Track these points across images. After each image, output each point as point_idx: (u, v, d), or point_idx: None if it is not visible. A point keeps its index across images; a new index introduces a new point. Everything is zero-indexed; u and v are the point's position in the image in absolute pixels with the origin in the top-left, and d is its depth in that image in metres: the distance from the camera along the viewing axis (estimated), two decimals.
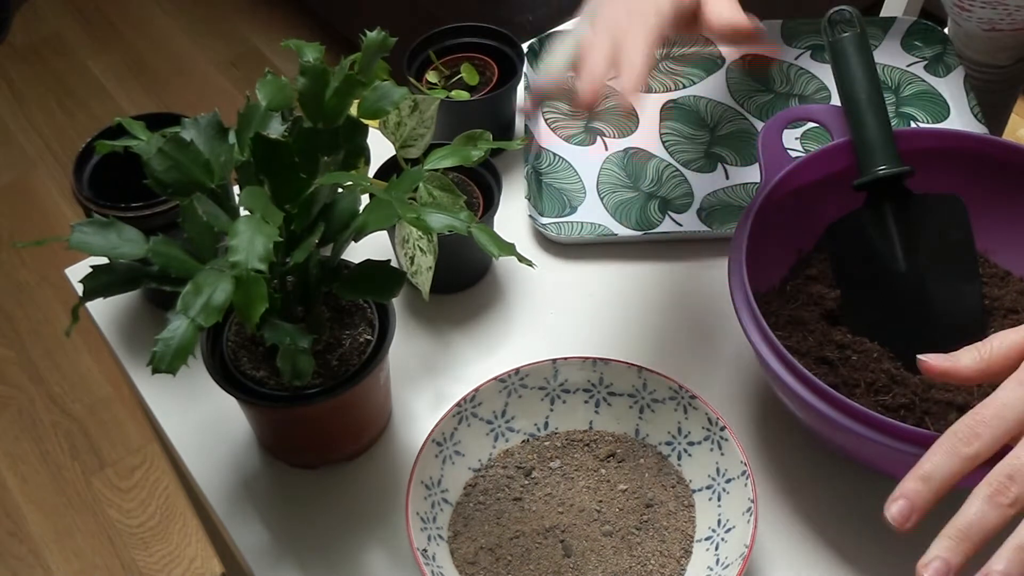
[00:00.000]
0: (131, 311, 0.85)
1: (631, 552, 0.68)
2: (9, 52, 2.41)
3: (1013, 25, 1.07)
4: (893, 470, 0.68)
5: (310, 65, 0.65)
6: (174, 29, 2.45)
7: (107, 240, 0.62)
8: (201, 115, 0.65)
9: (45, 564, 1.59)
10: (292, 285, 0.68)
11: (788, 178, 0.75)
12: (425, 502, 0.69)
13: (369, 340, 0.70)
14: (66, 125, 2.24)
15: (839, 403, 0.62)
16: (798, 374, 0.64)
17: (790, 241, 0.78)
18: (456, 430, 0.72)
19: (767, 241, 0.73)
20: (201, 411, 0.78)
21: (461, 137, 0.74)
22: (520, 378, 0.74)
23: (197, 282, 0.57)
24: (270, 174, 0.62)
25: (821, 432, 0.68)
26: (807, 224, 0.78)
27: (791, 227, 0.77)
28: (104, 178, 0.80)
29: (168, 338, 0.56)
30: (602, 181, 0.93)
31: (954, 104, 0.98)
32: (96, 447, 1.72)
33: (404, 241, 0.75)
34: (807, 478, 0.74)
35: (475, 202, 0.83)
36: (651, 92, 1.01)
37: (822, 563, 0.70)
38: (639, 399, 0.74)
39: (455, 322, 0.83)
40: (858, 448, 0.66)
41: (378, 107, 0.66)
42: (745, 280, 0.68)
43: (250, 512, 0.73)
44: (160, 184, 0.62)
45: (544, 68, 0.76)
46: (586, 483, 0.72)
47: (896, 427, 0.61)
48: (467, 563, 0.68)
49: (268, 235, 0.56)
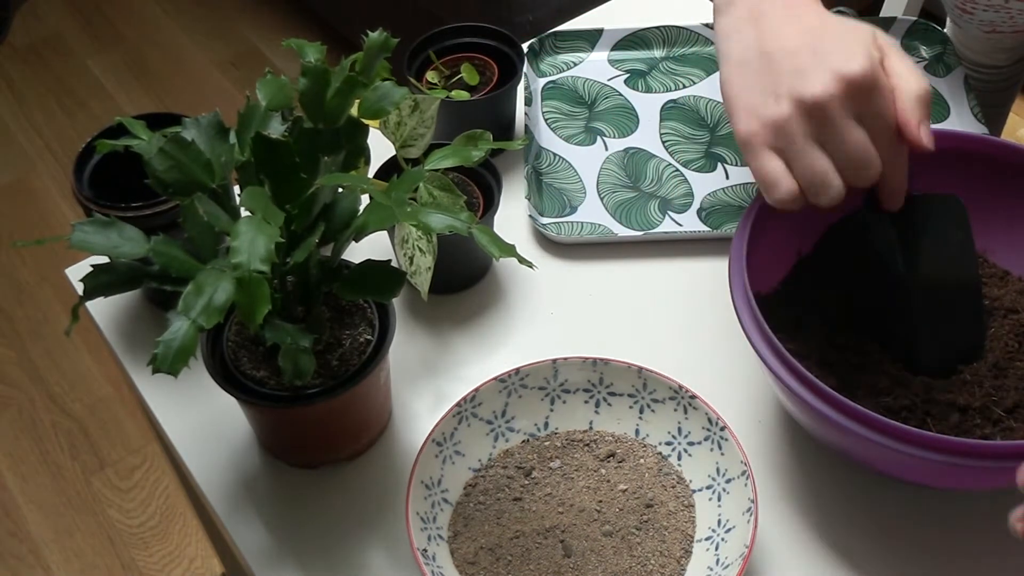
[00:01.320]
0: (131, 311, 0.85)
1: (631, 552, 0.68)
2: (9, 52, 2.41)
3: (1014, 28, 1.07)
4: (898, 472, 0.68)
5: (311, 65, 0.65)
6: (174, 29, 2.45)
7: (108, 239, 0.62)
8: (202, 115, 0.66)
9: (45, 564, 1.59)
10: (292, 285, 0.68)
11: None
12: (425, 502, 0.69)
13: (369, 340, 0.70)
14: (66, 125, 2.24)
15: (843, 406, 0.62)
16: (802, 378, 0.64)
17: (789, 243, 0.78)
18: (456, 430, 0.72)
19: (766, 243, 0.73)
20: (201, 411, 0.78)
21: (461, 137, 0.74)
22: (520, 378, 0.74)
23: (198, 282, 0.57)
24: (271, 174, 0.62)
25: (824, 435, 0.68)
26: (806, 225, 0.78)
27: (790, 228, 0.76)
28: (104, 178, 0.80)
29: (170, 339, 0.56)
30: (602, 181, 0.93)
31: (954, 104, 0.98)
32: (96, 447, 1.72)
33: (403, 241, 0.75)
34: (807, 478, 0.74)
35: (475, 202, 0.83)
36: (651, 92, 1.01)
37: (822, 563, 0.70)
38: (639, 399, 0.74)
39: (455, 322, 0.83)
40: (862, 451, 0.66)
41: (378, 107, 0.66)
42: (746, 284, 0.68)
43: (250, 512, 0.73)
44: (161, 184, 0.62)
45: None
46: (586, 483, 0.72)
47: (900, 429, 0.61)
48: (467, 563, 0.68)
49: (270, 236, 0.56)
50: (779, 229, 0.75)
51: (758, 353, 0.66)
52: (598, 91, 1.01)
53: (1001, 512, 0.72)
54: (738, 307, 0.68)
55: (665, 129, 0.97)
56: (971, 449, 0.60)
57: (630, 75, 1.02)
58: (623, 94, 1.00)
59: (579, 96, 1.00)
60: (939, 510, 0.72)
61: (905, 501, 0.72)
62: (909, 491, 0.73)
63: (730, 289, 0.69)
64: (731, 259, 0.71)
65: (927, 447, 0.61)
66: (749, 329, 0.67)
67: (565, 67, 1.03)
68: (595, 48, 1.04)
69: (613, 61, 1.03)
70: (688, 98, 1.00)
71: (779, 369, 0.65)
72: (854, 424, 0.62)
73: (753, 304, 0.67)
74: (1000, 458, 0.60)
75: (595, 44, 1.04)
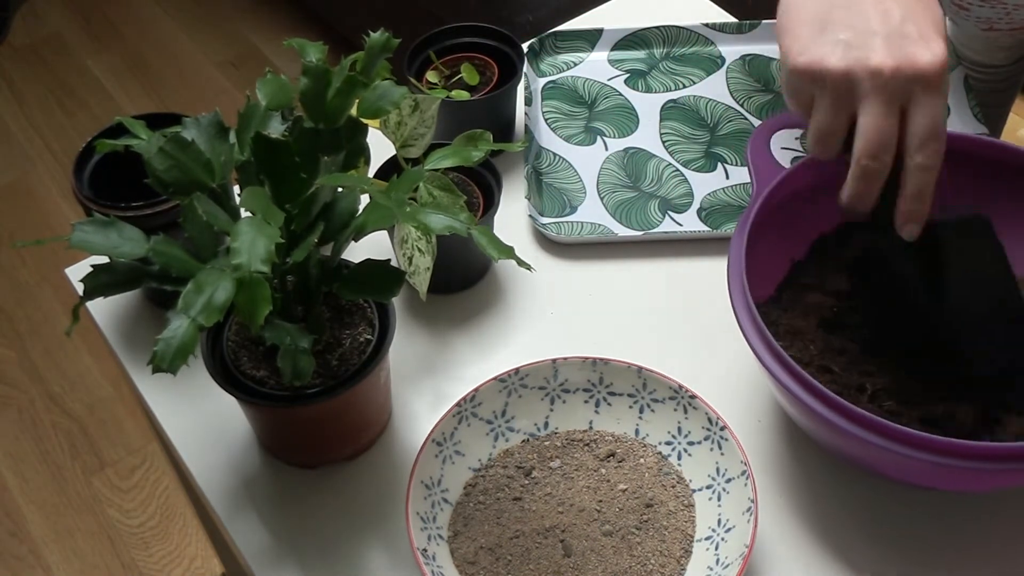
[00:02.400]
0: (131, 311, 0.85)
1: (631, 552, 0.68)
2: (9, 52, 2.41)
3: (1011, 24, 1.07)
4: (901, 475, 0.68)
5: (312, 65, 0.65)
6: (174, 29, 2.45)
7: (108, 239, 0.62)
8: (202, 115, 0.66)
9: (45, 564, 1.59)
10: (292, 285, 0.68)
11: (780, 187, 0.74)
12: (425, 502, 0.69)
13: (369, 340, 0.70)
14: (66, 125, 2.24)
15: (847, 411, 0.62)
16: (806, 384, 0.64)
17: (784, 250, 0.78)
18: (456, 430, 0.72)
19: (761, 250, 0.73)
20: (201, 411, 0.78)
21: (461, 137, 0.74)
22: (520, 378, 0.74)
23: (198, 281, 0.57)
24: (271, 174, 0.62)
25: (827, 439, 0.68)
26: (800, 232, 0.78)
27: (784, 236, 0.76)
28: (104, 178, 0.80)
29: (169, 337, 0.56)
30: (602, 181, 0.93)
31: (954, 104, 0.98)
32: (96, 447, 1.72)
33: (403, 242, 0.75)
34: (807, 478, 0.74)
35: (475, 202, 0.83)
36: (651, 92, 1.01)
37: (822, 563, 0.70)
38: (639, 399, 0.74)
39: (455, 322, 0.83)
40: (865, 454, 0.66)
41: (378, 107, 0.66)
42: (747, 292, 0.68)
43: (250, 512, 0.73)
44: (161, 183, 0.62)
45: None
46: (586, 483, 0.72)
47: (905, 433, 0.61)
48: (467, 563, 0.68)
49: (270, 236, 0.56)
50: (772, 237, 0.74)
51: (763, 364, 0.66)
52: (598, 91, 1.01)
53: (1001, 512, 0.72)
54: (741, 318, 0.68)
55: (665, 129, 0.97)
56: (970, 451, 0.60)
57: (630, 75, 1.02)
58: (623, 94, 1.00)
59: (579, 96, 1.00)
60: (939, 510, 0.72)
61: (905, 501, 0.72)
62: (909, 492, 0.73)
63: (731, 300, 0.69)
64: (730, 271, 0.70)
65: (931, 450, 0.61)
66: (753, 340, 0.67)
67: (565, 67, 1.03)
68: (595, 48, 1.04)
69: (613, 61, 1.03)
70: (688, 98, 1.00)
71: (786, 379, 0.64)
72: (862, 430, 0.62)
73: (756, 315, 0.67)
74: (997, 460, 0.60)
75: (595, 44, 1.04)
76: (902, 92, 0.64)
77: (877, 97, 0.64)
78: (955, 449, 0.60)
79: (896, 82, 0.63)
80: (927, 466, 0.62)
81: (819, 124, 0.66)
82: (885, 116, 0.64)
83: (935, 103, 0.64)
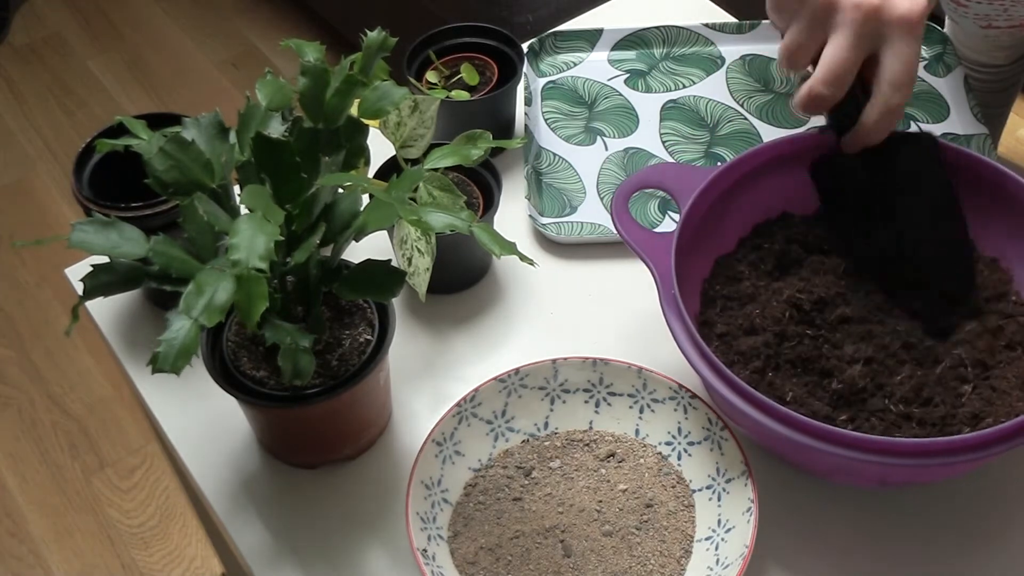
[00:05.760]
0: (131, 311, 0.85)
1: (631, 552, 0.68)
2: (9, 52, 2.41)
3: (1009, 22, 1.07)
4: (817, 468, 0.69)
5: (311, 65, 0.65)
6: (174, 29, 2.45)
7: (108, 239, 0.62)
8: (202, 115, 0.66)
9: (45, 564, 1.59)
10: (292, 285, 0.68)
11: (693, 210, 0.74)
12: (425, 502, 0.69)
13: (369, 340, 0.70)
14: (66, 125, 2.24)
15: (780, 414, 0.63)
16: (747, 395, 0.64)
17: (709, 250, 0.78)
18: (456, 430, 0.72)
19: (688, 261, 0.73)
20: (201, 411, 0.78)
21: (461, 137, 0.74)
22: (520, 378, 0.74)
23: (199, 282, 0.57)
24: (271, 174, 0.62)
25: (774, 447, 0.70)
26: (721, 235, 0.78)
27: (709, 240, 0.77)
28: (104, 178, 0.80)
29: (171, 339, 0.56)
30: (602, 181, 0.93)
31: (954, 104, 0.98)
32: (96, 447, 1.72)
33: (402, 242, 0.75)
34: (807, 478, 0.74)
35: (475, 202, 0.83)
36: (651, 92, 1.01)
37: (822, 563, 0.70)
38: (639, 399, 0.74)
39: (455, 322, 0.83)
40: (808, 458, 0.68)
41: (378, 107, 0.66)
42: (684, 314, 0.68)
43: (250, 512, 0.73)
44: (161, 184, 0.62)
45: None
46: (586, 483, 0.72)
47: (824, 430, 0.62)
48: (467, 563, 0.68)
49: (269, 234, 0.56)
50: (697, 247, 0.75)
51: (707, 383, 0.66)
52: (598, 91, 1.01)
53: (1001, 512, 0.72)
54: (679, 340, 0.68)
55: (665, 129, 0.97)
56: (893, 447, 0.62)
57: (630, 75, 1.02)
58: (623, 94, 1.00)
59: (579, 96, 1.00)
60: (939, 511, 0.72)
61: (905, 502, 0.72)
62: (909, 492, 0.73)
63: (667, 324, 0.69)
64: (662, 297, 0.70)
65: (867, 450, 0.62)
66: (695, 362, 0.67)
67: (565, 67, 1.03)
68: (595, 48, 1.04)
69: (613, 61, 1.03)
70: (688, 98, 1.00)
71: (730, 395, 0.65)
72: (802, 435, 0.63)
73: (696, 336, 0.67)
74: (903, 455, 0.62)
75: (595, 44, 1.04)
76: (876, 34, 0.68)
77: (849, 29, 0.67)
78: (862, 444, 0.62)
79: (873, 22, 0.67)
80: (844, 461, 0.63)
81: (792, 40, 0.70)
82: (850, 49, 0.68)
83: (909, 51, 0.67)
